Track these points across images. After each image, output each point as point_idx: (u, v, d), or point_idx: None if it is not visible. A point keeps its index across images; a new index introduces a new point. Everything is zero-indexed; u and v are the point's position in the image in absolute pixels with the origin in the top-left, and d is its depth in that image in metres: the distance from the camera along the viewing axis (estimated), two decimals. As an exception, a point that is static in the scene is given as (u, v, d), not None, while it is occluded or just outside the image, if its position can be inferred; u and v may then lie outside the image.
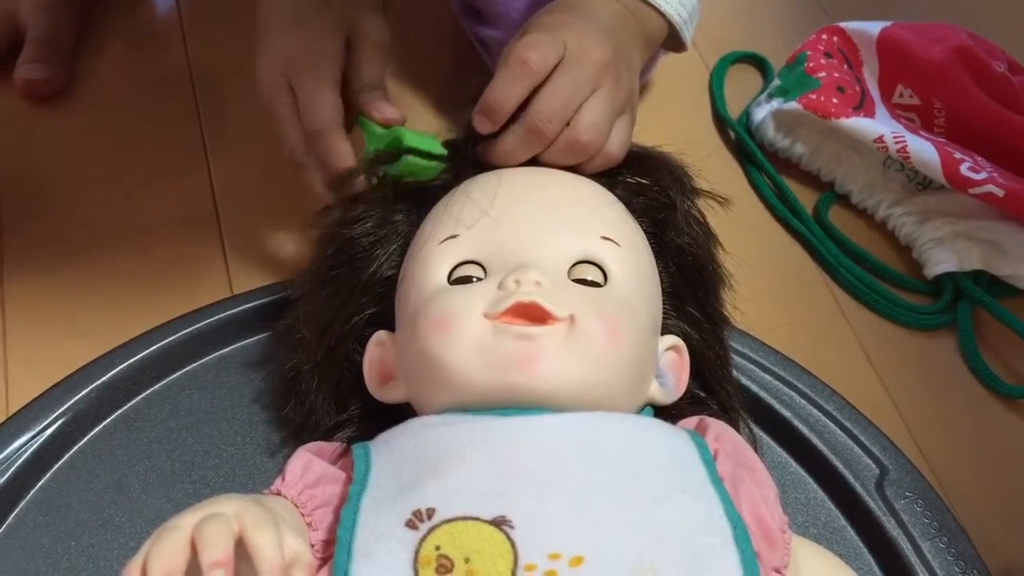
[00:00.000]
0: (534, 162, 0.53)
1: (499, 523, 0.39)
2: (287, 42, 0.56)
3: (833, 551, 0.54)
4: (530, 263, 0.46)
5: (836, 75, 0.72)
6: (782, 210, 0.70)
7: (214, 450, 0.55)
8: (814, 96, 0.70)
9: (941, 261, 0.66)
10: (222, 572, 0.35)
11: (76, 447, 0.55)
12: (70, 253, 0.63)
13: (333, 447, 0.49)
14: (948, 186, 0.66)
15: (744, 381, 0.59)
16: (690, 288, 0.54)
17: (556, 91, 0.52)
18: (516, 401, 0.44)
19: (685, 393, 0.51)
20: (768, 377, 0.60)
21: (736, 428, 0.50)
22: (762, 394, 0.59)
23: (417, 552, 0.38)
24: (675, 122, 0.75)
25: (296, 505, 0.44)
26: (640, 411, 0.49)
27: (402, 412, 0.49)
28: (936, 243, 0.67)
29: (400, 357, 0.49)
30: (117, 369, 0.56)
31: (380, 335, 0.51)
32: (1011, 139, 0.69)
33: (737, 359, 0.60)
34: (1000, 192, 0.64)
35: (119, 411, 0.56)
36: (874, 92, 0.73)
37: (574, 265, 0.48)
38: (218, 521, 0.36)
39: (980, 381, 0.63)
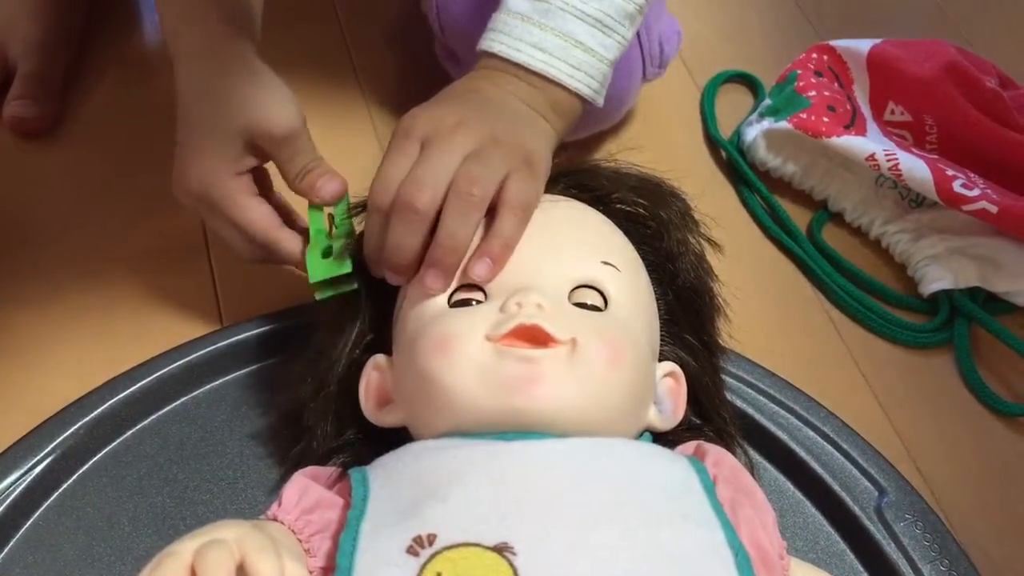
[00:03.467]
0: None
1: (501, 549, 0.38)
2: (198, 165, 0.55)
3: (831, 574, 0.54)
4: (531, 286, 0.46)
5: (827, 94, 0.72)
6: (775, 230, 0.70)
7: (205, 485, 0.55)
8: (804, 115, 0.70)
9: (937, 278, 0.66)
10: None
11: (65, 485, 0.54)
12: (57, 288, 0.63)
13: (329, 472, 0.48)
14: (941, 203, 0.65)
15: (739, 403, 0.58)
16: (686, 316, 0.53)
17: (423, 165, 0.49)
18: (517, 425, 0.44)
19: (682, 420, 0.50)
20: (763, 399, 0.59)
21: (733, 453, 0.50)
22: (758, 416, 0.58)
23: None
24: (666, 142, 0.75)
25: (293, 531, 0.43)
26: (639, 437, 0.49)
27: (399, 436, 0.48)
28: (931, 260, 0.66)
29: (398, 381, 0.49)
30: (106, 404, 0.56)
31: (378, 359, 0.50)
32: (1003, 154, 0.68)
33: (732, 381, 0.59)
34: (994, 208, 0.64)
35: (108, 447, 0.55)
36: (865, 110, 0.73)
37: (575, 289, 0.48)
38: (219, 547, 0.36)
39: (978, 399, 0.63)
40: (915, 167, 0.66)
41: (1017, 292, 0.65)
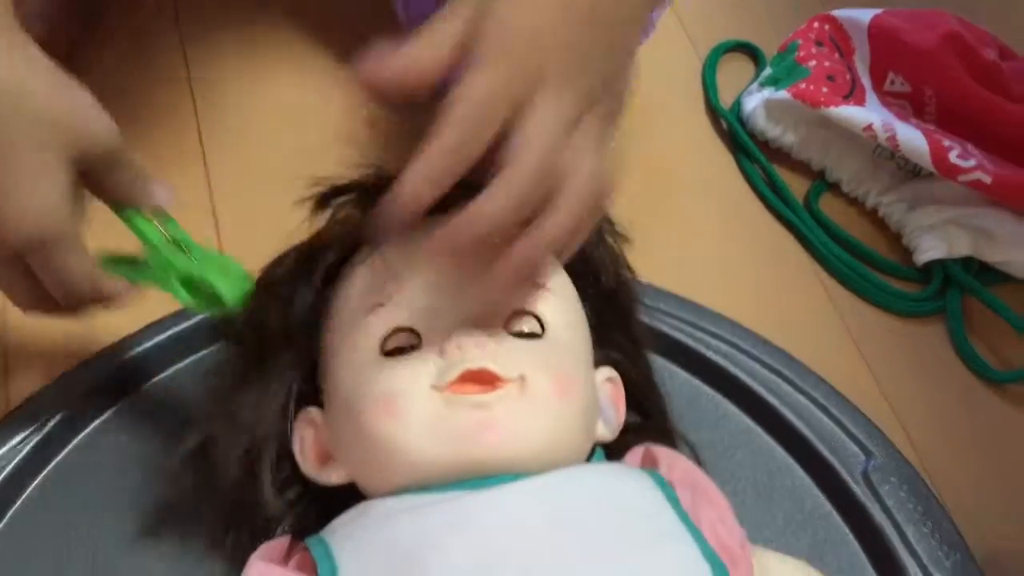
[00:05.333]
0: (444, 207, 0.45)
1: None
2: (32, 199, 0.43)
3: (819, 537, 0.56)
4: (467, 325, 0.44)
5: (826, 64, 0.72)
6: (773, 199, 0.71)
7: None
8: (804, 85, 0.71)
9: (930, 248, 0.66)
10: None
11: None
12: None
13: (281, 544, 0.46)
14: (937, 174, 0.66)
15: (733, 369, 0.60)
16: (613, 316, 0.52)
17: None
18: (476, 472, 0.42)
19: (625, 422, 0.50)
20: (756, 365, 0.60)
21: (674, 447, 0.51)
22: (750, 382, 0.59)
23: None
24: (667, 113, 0.76)
25: None
26: (592, 454, 0.48)
27: (344, 491, 0.46)
28: (925, 230, 0.67)
29: (337, 437, 0.47)
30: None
31: (310, 413, 0.48)
32: (1000, 126, 0.69)
33: (725, 347, 0.61)
34: (988, 179, 0.64)
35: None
36: (865, 80, 0.73)
37: (509, 319, 0.46)
38: None
39: (968, 367, 0.64)
40: (912, 138, 0.66)
41: (1010, 262, 0.66)
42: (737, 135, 0.73)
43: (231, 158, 0.70)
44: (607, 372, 0.50)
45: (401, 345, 0.45)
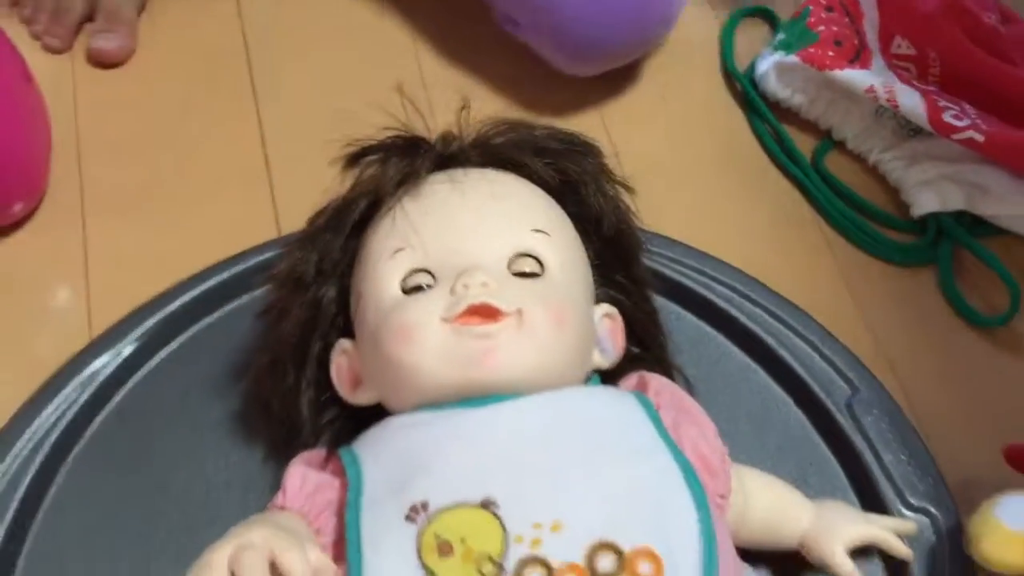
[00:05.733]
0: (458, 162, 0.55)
1: (486, 505, 0.44)
2: None
3: (805, 461, 0.61)
4: (473, 266, 0.50)
5: (835, 28, 0.77)
6: (782, 156, 0.76)
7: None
8: (812, 49, 0.75)
9: (925, 202, 0.71)
10: None
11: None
12: (141, 203, 0.72)
13: (319, 454, 0.53)
14: (933, 132, 0.71)
15: (734, 312, 0.65)
16: (614, 258, 0.58)
17: None
18: (479, 391, 0.48)
19: (625, 353, 0.56)
20: (756, 309, 0.65)
21: (671, 377, 0.57)
22: (749, 324, 0.65)
23: (419, 540, 0.44)
24: (686, 75, 0.81)
25: (302, 515, 0.49)
26: (588, 379, 0.54)
27: (374, 411, 0.53)
28: (922, 185, 0.72)
29: (366, 365, 0.53)
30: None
31: (343, 344, 0.54)
32: (1000, 87, 0.73)
33: (728, 292, 0.66)
34: (980, 138, 0.69)
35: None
36: (873, 43, 0.78)
37: (513, 260, 0.52)
38: (251, 553, 0.43)
39: (956, 312, 0.69)
40: (910, 98, 0.71)
41: (1001, 216, 0.71)
42: (749, 96, 0.78)
43: (285, 113, 0.77)
44: (606, 308, 0.56)
45: (418, 284, 0.51)
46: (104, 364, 0.62)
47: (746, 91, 0.78)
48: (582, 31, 0.72)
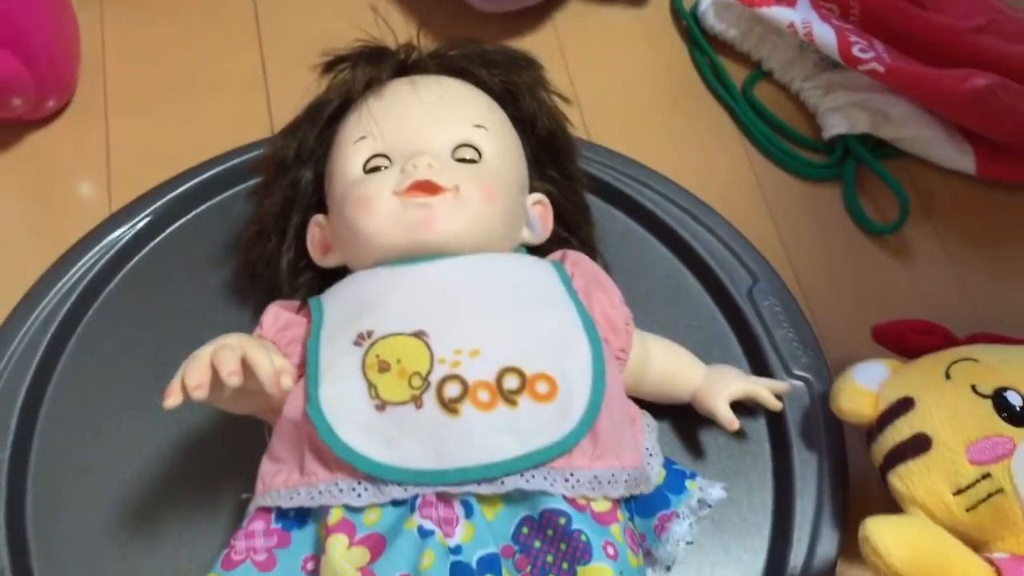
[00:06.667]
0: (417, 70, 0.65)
1: (418, 335, 0.54)
2: None
3: (710, 338, 0.71)
4: (421, 151, 0.59)
5: (769, -29, 0.87)
6: (715, 84, 0.86)
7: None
8: (746, -12, 0.85)
9: (835, 125, 0.81)
10: (235, 378, 0.49)
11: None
12: (144, 108, 0.83)
13: (293, 304, 0.62)
14: (844, 64, 0.81)
15: (658, 212, 0.75)
16: (548, 156, 0.67)
17: None
18: (422, 252, 0.58)
19: (553, 234, 0.66)
20: (678, 211, 0.75)
21: (594, 259, 0.65)
22: (671, 223, 0.75)
23: (364, 360, 0.53)
24: (640, 13, 0.91)
25: (274, 343, 0.58)
26: (516, 250, 0.63)
27: (340, 272, 0.62)
28: (833, 111, 0.82)
29: (334, 232, 0.63)
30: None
31: (317, 218, 0.64)
32: (910, 28, 0.82)
33: (654, 195, 0.76)
34: (882, 68, 0.78)
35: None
36: (803, -15, 0.87)
37: (455, 149, 0.61)
38: (228, 349, 0.51)
39: (854, 222, 0.79)
40: (824, 34, 0.80)
41: (900, 139, 0.81)
42: (691, 30, 0.88)
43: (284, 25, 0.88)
44: (538, 196, 0.67)
45: (376, 166, 0.61)
46: (121, 235, 0.73)
47: (688, 25, 0.89)
48: None
